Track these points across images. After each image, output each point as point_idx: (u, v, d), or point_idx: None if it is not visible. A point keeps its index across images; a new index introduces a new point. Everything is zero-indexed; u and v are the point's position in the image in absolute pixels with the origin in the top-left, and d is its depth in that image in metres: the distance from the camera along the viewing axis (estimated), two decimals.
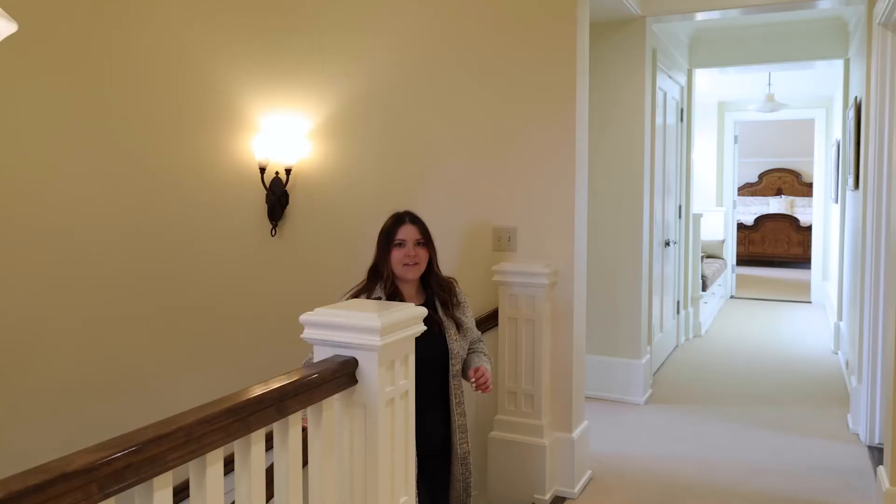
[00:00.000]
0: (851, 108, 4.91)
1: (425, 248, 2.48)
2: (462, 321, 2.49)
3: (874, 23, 3.75)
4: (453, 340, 2.44)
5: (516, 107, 3.25)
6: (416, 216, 2.51)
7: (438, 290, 2.50)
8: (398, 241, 2.46)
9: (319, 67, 3.60)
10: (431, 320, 2.32)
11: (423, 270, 2.48)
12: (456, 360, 2.43)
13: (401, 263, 2.44)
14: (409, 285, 2.51)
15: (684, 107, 6.03)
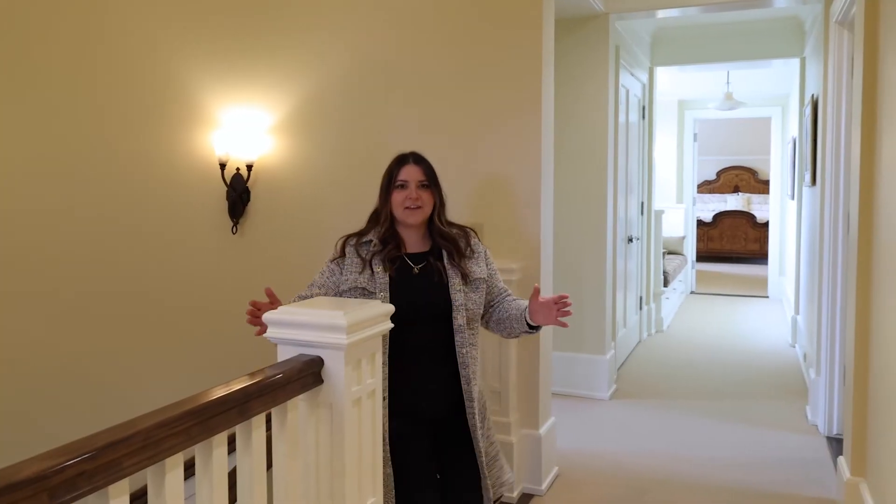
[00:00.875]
0: (808, 105, 5.00)
1: (430, 192, 2.23)
2: (470, 272, 2.21)
3: (831, 21, 3.82)
4: (456, 290, 2.16)
5: (481, 102, 3.22)
6: (422, 156, 2.28)
7: (441, 240, 2.23)
8: (400, 181, 2.22)
9: (282, 61, 3.53)
10: (433, 268, 2.19)
11: (426, 215, 2.23)
12: (459, 311, 2.16)
13: (401, 206, 2.20)
14: (413, 232, 2.26)
15: (646, 104, 6.09)
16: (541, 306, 2.08)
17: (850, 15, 3.42)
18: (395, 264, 2.18)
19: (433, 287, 2.17)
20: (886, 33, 2.52)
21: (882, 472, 2.51)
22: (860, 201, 2.76)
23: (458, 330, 2.15)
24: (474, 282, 2.20)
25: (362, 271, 2.16)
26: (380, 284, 2.13)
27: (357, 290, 2.15)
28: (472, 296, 2.20)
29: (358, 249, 2.21)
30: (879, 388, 2.56)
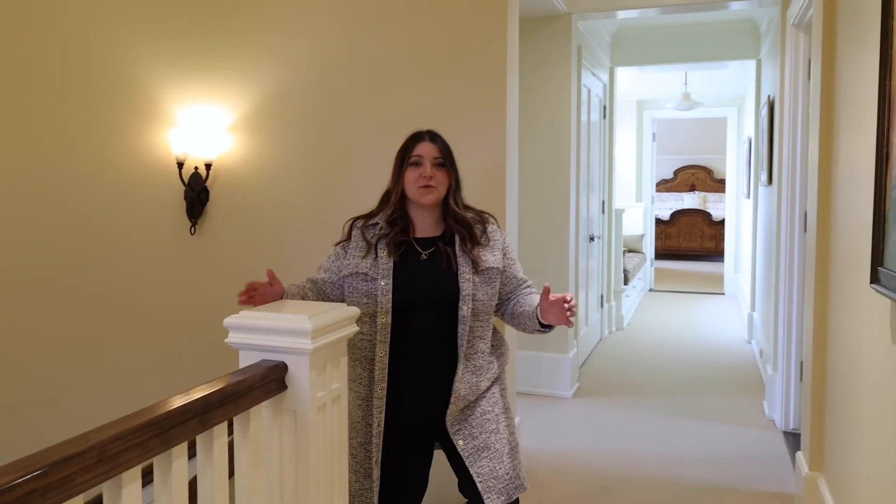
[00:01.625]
0: (765, 106, 5.09)
1: (445, 171, 2.08)
2: (482, 260, 2.05)
3: (788, 24, 3.89)
4: (465, 279, 2.02)
5: (445, 99, 3.19)
6: (438, 134, 2.14)
7: (454, 224, 2.07)
8: (414, 157, 2.08)
9: (241, 59, 3.45)
10: (442, 254, 2.06)
11: (440, 196, 2.08)
12: (465, 301, 2.01)
13: (415, 185, 2.06)
14: (425, 214, 2.11)
15: (607, 104, 6.14)
16: (551, 305, 1.96)
17: (806, 18, 3.49)
18: (401, 249, 2.06)
19: (441, 274, 2.03)
20: (844, 36, 2.57)
21: (840, 467, 2.56)
22: (818, 201, 2.81)
23: (461, 320, 2.02)
24: (486, 271, 2.06)
25: (365, 255, 2.06)
26: (382, 270, 2.03)
27: (358, 276, 2.05)
28: (483, 287, 2.05)
29: (364, 232, 2.10)
30: (837, 385, 2.61)
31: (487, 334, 2.10)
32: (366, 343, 2.06)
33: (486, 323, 2.09)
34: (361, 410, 2.10)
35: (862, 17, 2.30)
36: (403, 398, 2.07)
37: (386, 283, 2.01)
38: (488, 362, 2.10)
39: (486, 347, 2.09)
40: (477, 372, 2.07)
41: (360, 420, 2.10)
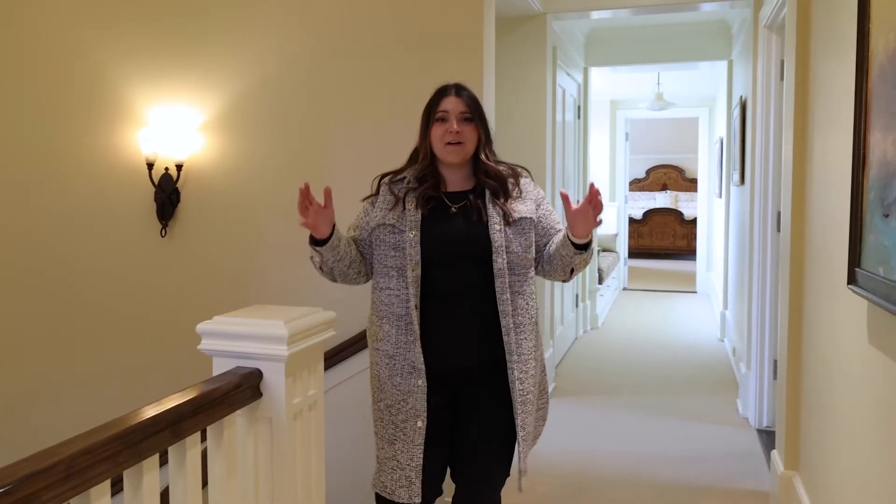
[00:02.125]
0: (737, 107, 5.14)
1: (473, 125, 1.99)
2: (514, 211, 1.96)
3: (760, 26, 3.92)
4: (496, 230, 1.93)
5: (422, 99, 3.16)
6: (465, 87, 2.04)
7: (486, 178, 1.99)
8: (440, 114, 1.98)
9: (213, 56, 3.38)
10: (472, 207, 1.97)
11: (468, 153, 1.99)
12: (499, 252, 1.92)
13: (442, 142, 1.97)
14: (455, 170, 2.02)
15: (581, 104, 6.15)
16: (577, 214, 1.85)
17: (778, 20, 3.52)
18: (430, 203, 1.98)
19: (471, 226, 1.95)
20: (818, 38, 2.59)
21: (815, 466, 2.58)
22: (793, 200, 2.83)
23: (497, 273, 1.91)
24: (518, 222, 1.96)
25: (393, 208, 1.97)
26: (410, 222, 1.94)
27: (386, 228, 1.96)
28: (517, 238, 1.95)
29: (392, 187, 2.02)
30: (812, 384, 2.63)
31: (528, 290, 1.98)
32: (393, 299, 1.96)
33: (525, 278, 1.97)
34: (388, 369, 1.98)
35: (836, 19, 2.31)
36: (435, 356, 1.95)
37: (414, 234, 1.93)
38: (531, 324, 1.99)
39: (526, 304, 1.97)
40: (518, 329, 1.95)
41: (387, 380, 1.99)
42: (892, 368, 1.66)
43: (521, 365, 1.95)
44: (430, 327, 1.95)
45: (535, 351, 2.01)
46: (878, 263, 1.60)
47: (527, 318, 1.97)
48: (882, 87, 1.58)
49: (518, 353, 1.94)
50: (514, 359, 1.94)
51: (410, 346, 1.93)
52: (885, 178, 1.54)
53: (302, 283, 3.33)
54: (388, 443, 1.99)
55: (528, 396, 1.96)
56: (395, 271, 1.95)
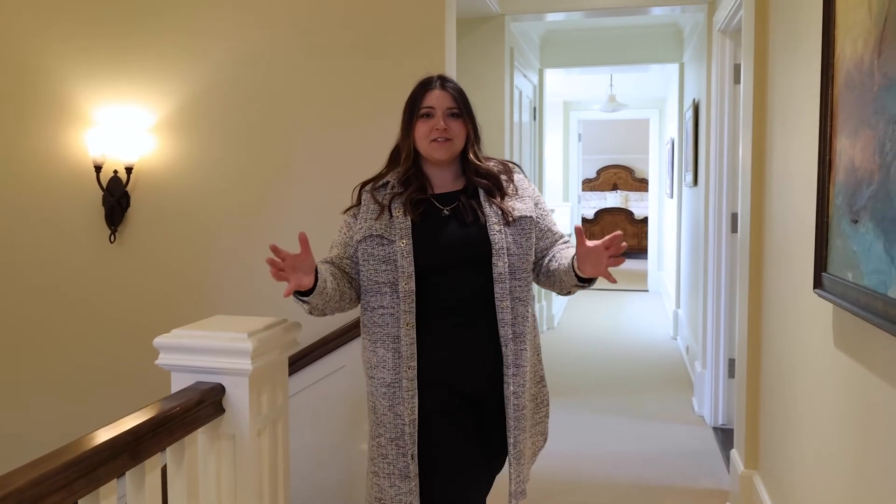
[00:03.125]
0: (690, 109, 5.22)
1: (461, 121, 1.85)
2: (512, 210, 1.82)
3: (714, 30, 3.98)
4: (496, 231, 1.78)
5: (384, 100, 3.11)
6: (451, 79, 1.90)
7: (476, 177, 1.85)
8: (424, 109, 1.83)
9: (164, 55, 3.25)
10: (466, 208, 1.82)
11: (456, 149, 1.85)
12: (500, 255, 1.77)
13: (427, 139, 1.82)
14: (442, 170, 1.87)
15: (537, 105, 6.17)
16: (588, 253, 1.69)
17: (733, 24, 3.57)
18: (419, 208, 1.81)
19: (468, 229, 1.79)
20: (776, 43, 2.62)
21: (775, 465, 2.62)
22: (751, 203, 2.87)
23: (497, 278, 1.76)
24: (518, 221, 1.81)
25: (378, 217, 1.79)
26: (399, 230, 1.76)
27: (373, 239, 1.77)
28: (518, 239, 1.80)
29: (374, 195, 1.84)
30: (772, 385, 2.66)
31: (528, 297, 1.83)
32: (388, 318, 1.77)
33: (525, 284, 1.82)
34: (388, 399, 1.78)
35: (794, 24, 2.35)
36: (435, 377, 1.78)
37: (405, 243, 1.75)
38: (531, 331, 1.85)
39: (526, 312, 1.82)
40: (518, 339, 1.79)
41: (386, 411, 1.78)
42: (858, 371, 1.68)
43: (519, 378, 1.79)
44: (429, 345, 1.77)
45: (533, 362, 1.87)
46: (846, 268, 1.61)
47: (527, 328, 1.82)
48: (849, 94, 1.60)
49: (516, 366, 1.79)
50: (511, 371, 1.78)
51: (409, 369, 1.75)
52: (854, 184, 1.56)
53: (260, 290, 3.23)
54: (401, 478, 1.77)
55: (523, 412, 1.81)
56: (388, 287, 1.75)
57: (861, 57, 1.52)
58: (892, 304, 1.33)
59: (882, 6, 1.39)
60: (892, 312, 1.34)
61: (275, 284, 3.45)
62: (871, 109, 1.45)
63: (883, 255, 1.38)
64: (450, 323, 1.79)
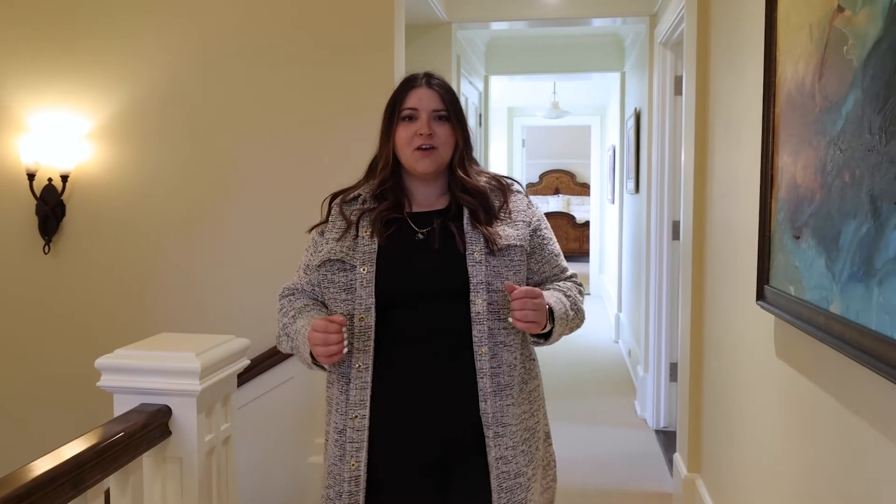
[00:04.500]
0: (631, 118, 5.33)
1: (449, 126, 1.57)
2: (500, 237, 1.53)
3: (656, 42, 4.08)
4: (475, 262, 1.49)
5: (333, 108, 3.08)
6: (439, 77, 1.64)
7: (462, 194, 1.56)
8: (406, 111, 1.56)
9: (102, 57, 3.14)
10: (445, 233, 1.54)
11: (444, 160, 1.56)
12: (478, 291, 1.49)
13: (409, 146, 1.54)
14: (427, 184, 1.60)
15: (482, 112, 6.20)
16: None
17: (673, 38, 3.67)
18: (390, 228, 1.55)
19: (442, 258, 1.52)
20: (717, 57, 2.70)
21: (717, 468, 2.69)
22: (693, 212, 2.94)
23: (475, 318, 1.48)
24: (505, 251, 1.53)
25: (341, 237, 1.54)
26: (362, 255, 1.51)
27: (333, 264, 1.52)
28: (503, 271, 1.52)
29: (343, 209, 1.59)
30: (715, 391, 2.74)
31: (516, 341, 1.55)
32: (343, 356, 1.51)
33: (513, 326, 1.51)
34: (338, 448, 1.52)
35: (734, 39, 2.42)
36: (391, 438, 1.51)
37: (367, 270, 1.50)
38: (520, 382, 1.56)
39: (513, 360, 1.53)
40: (502, 393, 1.51)
41: (336, 461, 1.52)
42: (799, 381, 1.74)
43: (506, 440, 1.49)
44: (388, 390, 1.51)
45: (527, 420, 1.56)
46: (789, 283, 1.66)
47: (514, 378, 1.53)
48: (791, 113, 1.65)
49: (500, 425, 1.49)
50: (492, 432, 1.49)
51: (357, 418, 1.49)
52: (796, 200, 1.61)
53: (203, 303, 3.16)
54: None
55: (517, 480, 1.50)
56: (347, 319, 1.49)
57: (802, 78, 1.57)
58: (833, 319, 1.38)
59: (823, 31, 1.45)
60: (833, 327, 1.39)
61: (218, 297, 3.38)
62: (812, 130, 1.51)
63: (825, 271, 1.43)
64: (415, 366, 1.51)
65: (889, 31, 1.15)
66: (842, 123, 1.35)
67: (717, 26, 2.70)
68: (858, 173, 1.27)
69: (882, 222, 1.17)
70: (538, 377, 1.65)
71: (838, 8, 1.37)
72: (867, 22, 1.24)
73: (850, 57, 1.31)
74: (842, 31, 1.35)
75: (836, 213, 1.37)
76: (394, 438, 1.50)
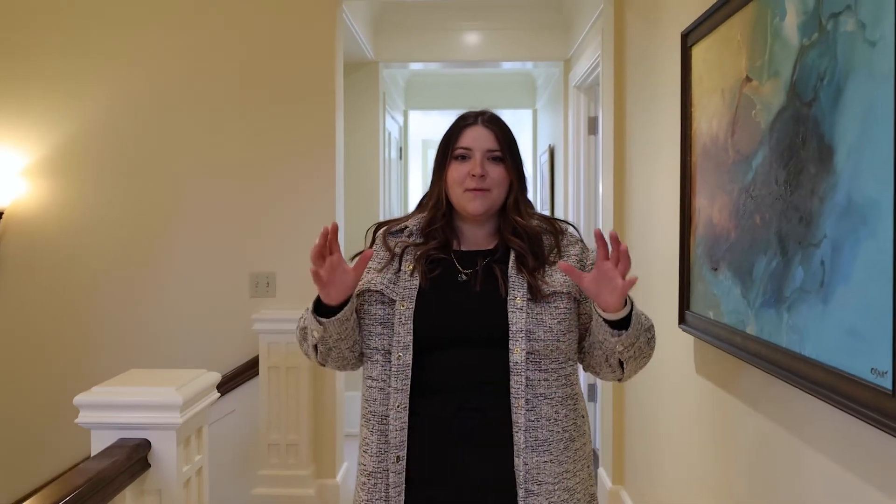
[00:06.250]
0: (546, 153, 5.66)
1: (503, 167, 1.49)
2: (543, 283, 1.44)
3: (570, 85, 4.40)
4: (516, 308, 1.43)
5: (276, 146, 3.18)
6: (496, 116, 1.56)
7: (512, 236, 1.49)
8: (459, 150, 1.49)
9: (40, 93, 3.11)
10: (489, 275, 1.47)
11: (497, 202, 1.50)
12: (517, 339, 1.41)
13: (460, 186, 1.48)
14: (477, 226, 1.53)
15: (402, 145, 6.41)
16: (594, 282, 1.35)
17: (588, 82, 4.00)
18: (435, 271, 1.49)
19: (483, 301, 1.46)
20: (632, 98, 3.00)
21: (642, 480, 2.94)
22: None
23: (513, 368, 1.41)
24: (550, 298, 1.44)
25: (384, 268, 1.49)
26: (403, 291, 1.46)
27: (372, 295, 1.47)
28: (546, 319, 1.43)
29: (387, 239, 1.54)
30: (637, 408, 2.99)
31: (560, 394, 1.44)
32: (376, 394, 1.46)
33: (556, 378, 1.44)
34: (366, 493, 1.45)
35: (645, 81, 2.72)
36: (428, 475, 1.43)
37: (406, 306, 1.45)
38: (563, 441, 1.44)
39: (554, 414, 1.43)
40: (540, 449, 1.42)
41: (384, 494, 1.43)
42: (717, 393, 1.99)
43: (540, 499, 1.40)
44: (424, 435, 1.43)
45: (567, 480, 1.44)
46: (708, 308, 1.91)
47: (555, 434, 1.42)
48: (706, 162, 1.92)
49: (536, 482, 1.40)
50: (526, 489, 1.40)
51: (398, 460, 1.42)
52: (713, 238, 1.87)
53: (147, 343, 3.16)
54: None
55: None
56: (381, 355, 1.46)
57: (716, 133, 1.84)
58: (749, 339, 1.63)
59: (734, 96, 1.71)
60: (749, 345, 1.63)
61: (162, 337, 3.39)
62: (726, 178, 1.77)
63: (741, 299, 1.68)
64: (450, 412, 1.43)
65: (791, 102, 1.42)
66: (752, 174, 1.60)
67: (633, 72, 3.00)
68: (768, 217, 1.52)
69: (789, 258, 1.42)
70: (586, 435, 1.53)
71: (747, 78, 1.64)
72: (772, 93, 1.50)
73: (758, 120, 1.57)
74: (750, 98, 1.62)
75: (749, 249, 1.63)
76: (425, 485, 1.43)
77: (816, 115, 1.31)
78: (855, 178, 1.19)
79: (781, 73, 1.46)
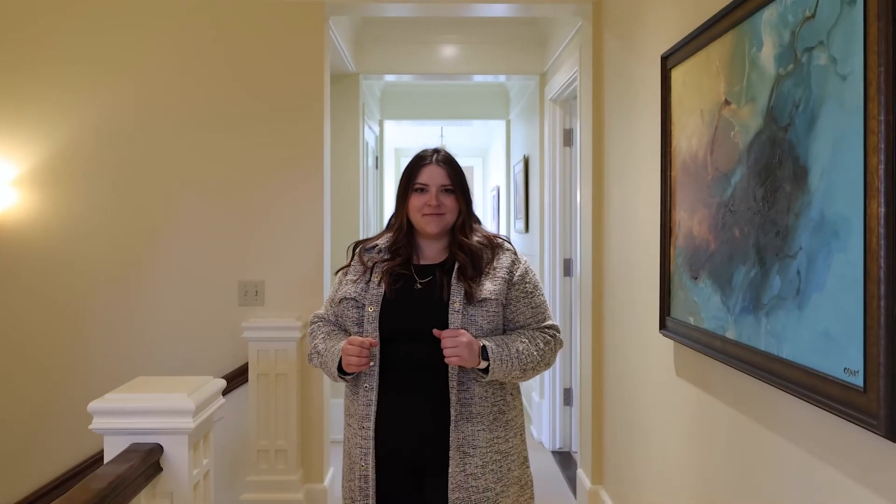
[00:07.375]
0: (520, 163, 5.79)
1: (454, 197, 1.91)
2: (479, 290, 1.84)
3: (546, 98, 4.54)
4: (454, 311, 1.81)
5: (265, 156, 3.24)
6: (449, 155, 1.99)
7: (458, 252, 1.88)
8: (419, 185, 1.89)
9: (31, 104, 3.13)
10: (438, 284, 1.86)
11: (449, 223, 1.90)
12: None
13: (419, 213, 1.88)
14: (433, 242, 1.93)
15: (378, 154, 6.49)
16: None
17: (564, 95, 4.13)
18: (398, 282, 1.87)
19: (431, 305, 1.84)
20: (610, 111, 3.13)
21: (619, 478, 3.05)
22: (592, 250, 3.33)
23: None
24: (482, 303, 1.84)
25: (358, 279, 1.90)
26: (371, 296, 1.86)
27: (349, 302, 1.88)
28: (479, 320, 1.83)
29: (362, 256, 1.95)
30: (617, 409, 3.11)
31: (491, 383, 1.85)
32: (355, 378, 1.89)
33: None
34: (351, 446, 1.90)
35: (622, 95, 2.85)
36: (387, 446, 1.83)
37: (373, 309, 1.84)
38: (493, 413, 1.84)
39: (485, 392, 1.83)
40: (474, 420, 1.81)
41: (346, 456, 1.92)
42: (697, 394, 2.11)
43: (475, 460, 1.80)
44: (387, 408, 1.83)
45: (500, 444, 1.84)
46: (688, 314, 2.04)
47: (485, 409, 1.83)
48: (685, 177, 2.04)
49: (470, 447, 1.80)
50: (459, 454, 1.79)
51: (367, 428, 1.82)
52: (693, 248, 1.99)
53: (136, 352, 3.20)
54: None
55: (485, 495, 1.80)
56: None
57: (696, 151, 1.97)
58: (729, 343, 1.75)
59: (713, 117, 1.84)
60: (729, 349, 1.76)
61: (152, 345, 3.42)
62: (706, 193, 1.89)
63: (720, 305, 1.80)
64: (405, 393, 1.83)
65: (768, 126, 1.54)
66: (731, 190, 1.73)
67: (610, 88, 3.13)
68: (747, 230, 1.65)
69: (767, 268, 1.55)
70: (517, 408, 1.94)
71: (726, 101, 1.77)
72: (750, 116, 1.63)
73: (736, 140, 1.70)
74: (729, 120, 1.75)
75: (729, 260, 1.75)
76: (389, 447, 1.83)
77: (792, 139, 1.44)
78: (827, 197, 1.31)
79: (758, 99, 1.59)
